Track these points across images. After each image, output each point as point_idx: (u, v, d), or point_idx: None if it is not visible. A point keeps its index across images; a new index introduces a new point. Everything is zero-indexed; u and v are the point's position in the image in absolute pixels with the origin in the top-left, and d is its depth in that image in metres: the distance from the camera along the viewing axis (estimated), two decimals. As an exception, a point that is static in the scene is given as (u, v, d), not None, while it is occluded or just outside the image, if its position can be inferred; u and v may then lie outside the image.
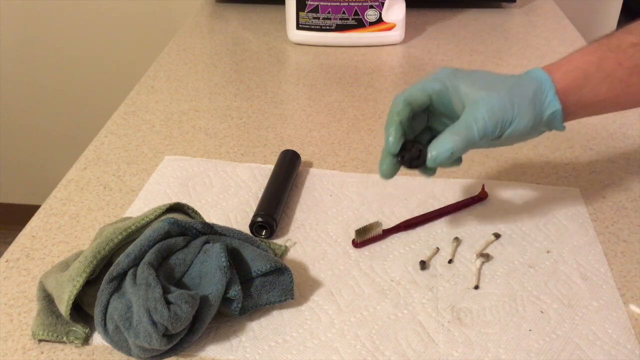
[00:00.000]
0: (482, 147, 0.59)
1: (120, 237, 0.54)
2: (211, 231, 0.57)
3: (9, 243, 0.64)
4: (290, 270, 0.55)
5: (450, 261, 0.62)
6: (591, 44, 0.60)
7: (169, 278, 0.53)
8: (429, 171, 0.59)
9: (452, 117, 0.58)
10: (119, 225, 0.56)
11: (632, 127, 0.88)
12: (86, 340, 0.53)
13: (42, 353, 0.52)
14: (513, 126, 0.56)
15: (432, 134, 0.60)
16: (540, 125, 0.58)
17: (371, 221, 0.65)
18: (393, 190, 0.73)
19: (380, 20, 1.13)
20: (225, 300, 0.53)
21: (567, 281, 0.60)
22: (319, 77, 1.04)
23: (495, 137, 0.57)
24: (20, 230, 0.66)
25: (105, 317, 0.50)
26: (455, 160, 0.58)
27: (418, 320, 0.56)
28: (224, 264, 0.52)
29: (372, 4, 1.11)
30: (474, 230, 0.67)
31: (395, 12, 1.14)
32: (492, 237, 0.66)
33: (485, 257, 0.62)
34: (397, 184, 0.74)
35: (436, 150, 0.55)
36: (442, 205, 0.70)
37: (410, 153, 0.57)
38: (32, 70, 1.76)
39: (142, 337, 0.48)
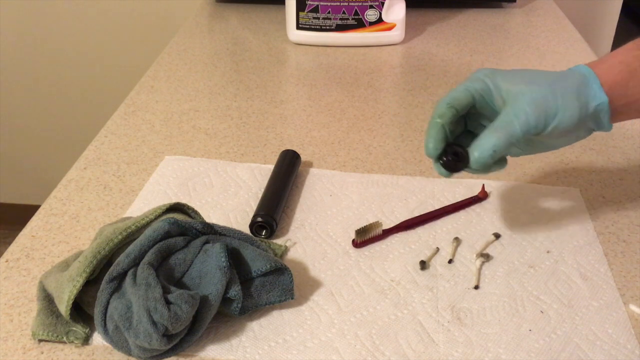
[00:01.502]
0: (523, 153, 0.57)
1: (120, 237, 0.54)
2: (211, 231, 0.57)
3: (9, 243, 0.64)
4: (290, 270, 0.55)
5: (450, 261, 0.62)
6: (635, 40, 0.57)
7: (169, 278, 0.53)
8: (480, 172, 0.56)
9: (494, 118, 0.56)
10: (119, 225, 0.56)
11: (632, 127, 0.88)
12: (86, 340, 0.53)
13: (42, 353, 0.52)
14: (557, 118, 0.53)
15: (473, 137, 0.58)
16: (586, 119, 0.55)
17: (371, 221, 0.65)
18: (393, 190, 0.73)
19: (380, 20, 1.13)
20: (225, 300, 0.53)
21: (567, 281, 0.60)
22: (319, 77, 1.04)
23: (538, 131, 0.54)
24: (20, 230, 0.66)
25: (105, 317, 0.50)
26: (499, 161, 0.56)
27: (418, 320, 0.56)
28: (224, 264, 0.52)
29: (372, 4, 1.11)
30: (474, 230, 0.67)
31: (395, 12, 1.14)
32: (492, 237, 0.66)
33: (485, 257, 0.62)
34: (397, 184, 0.74)
35: (477, 150, 0.53)
36: (442, 205, 0.70)
37: (451, 156, 0.55)
38: (32, 70, 1.76)
39: (142, 337, 0.48)
